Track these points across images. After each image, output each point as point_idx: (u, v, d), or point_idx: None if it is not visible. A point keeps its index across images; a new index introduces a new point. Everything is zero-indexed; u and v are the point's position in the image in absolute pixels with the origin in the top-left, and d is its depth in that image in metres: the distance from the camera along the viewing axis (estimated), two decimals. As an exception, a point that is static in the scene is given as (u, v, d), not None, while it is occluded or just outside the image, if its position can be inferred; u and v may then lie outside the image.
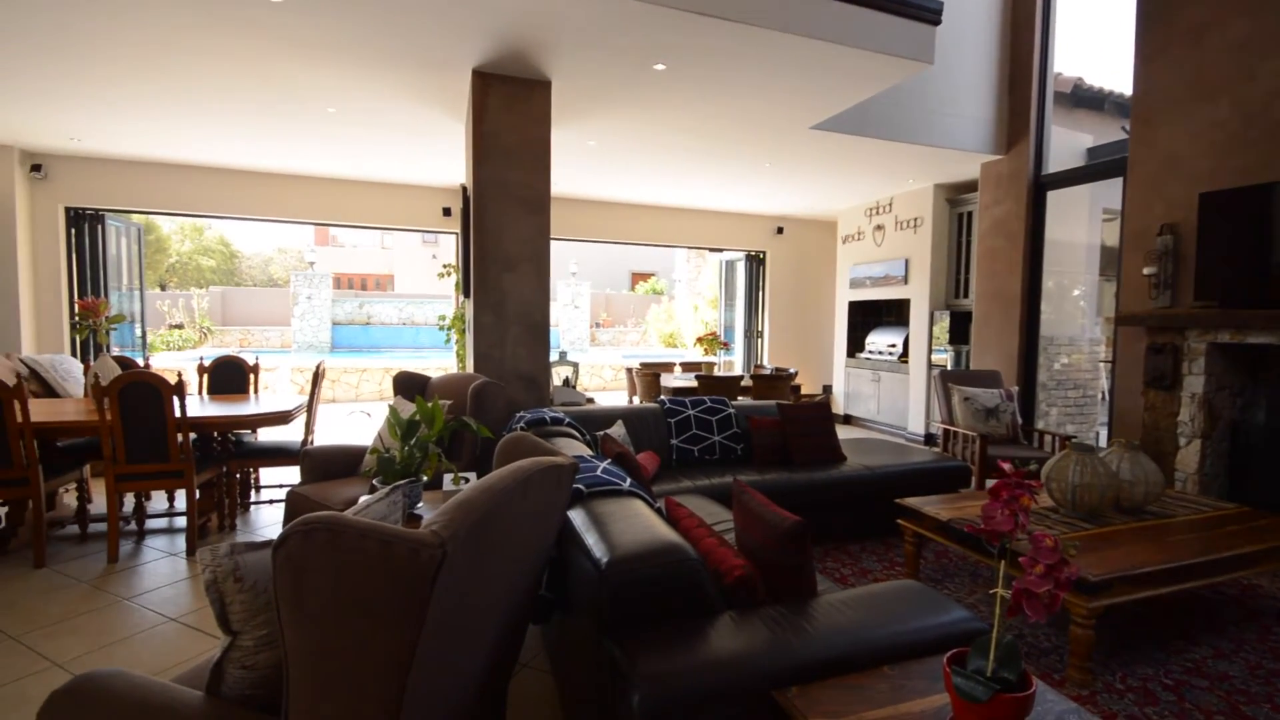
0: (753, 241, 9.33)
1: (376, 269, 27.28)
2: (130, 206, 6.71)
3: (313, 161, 6.55)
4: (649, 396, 6.95)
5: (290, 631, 1.10)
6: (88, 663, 2.44)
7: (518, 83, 4.12)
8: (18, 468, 3.21)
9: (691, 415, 4.13)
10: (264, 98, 4.61)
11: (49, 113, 5.00)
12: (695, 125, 5.10)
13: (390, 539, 1.09)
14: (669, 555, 1.58)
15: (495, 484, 1.32)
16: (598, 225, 8.57)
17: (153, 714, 1.25)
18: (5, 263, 5.95)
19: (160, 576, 3.25)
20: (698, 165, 6.41)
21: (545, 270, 4.32)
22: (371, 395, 10.45)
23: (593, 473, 2.17)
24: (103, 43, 3.69)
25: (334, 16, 3.34)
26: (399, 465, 2.43)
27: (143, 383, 3.23)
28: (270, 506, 4.42)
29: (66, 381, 4.52)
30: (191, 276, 22.74)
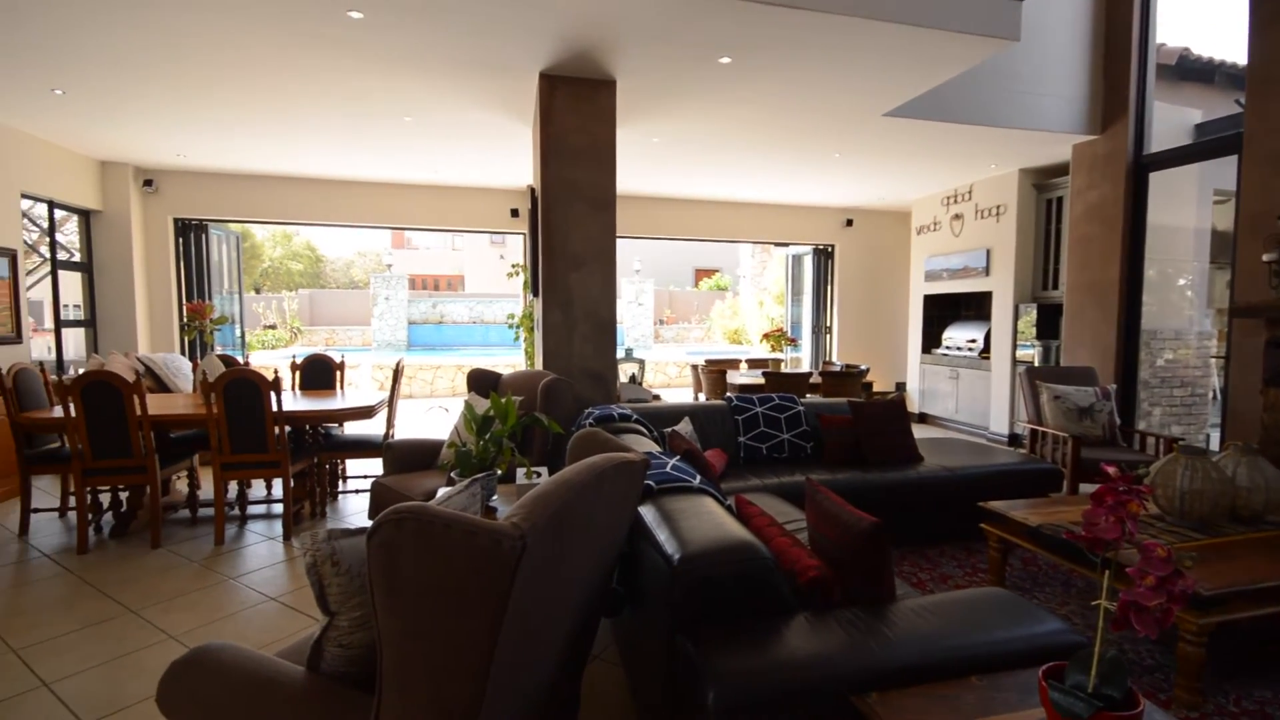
0: (820, 235, 9.09)
1: (448, 270, 28.34)
2: (229, 216, 7.26)
3: (389, 169, 6.87)
4: (715, 393, 6.90)
5: (383, 614, 1.16)
6: (198, 636, 2.66)
7: (583, 83, 4.17)
8: (137, 456, 3.54)
9: (759, 413, 4.08)
10: (346, 110, 4.87)
11: (159, 132, 5.47)
12: (761, 118, 5.01)
13: (474, 529, 1.13)
14: (742, 553, 1.56)
15: (572, 479, 1.34)
16: (662, 222, 8.58)
17: (261, 685, 1.35)
18: (123, 270, 6.57)
19: (260, 559, 3.50)
20: (763, 158, 6.30)
21: (612, 268, 4.36)
22: (445, 392, 10.87)
23: (662, 469, 2.18)
24: (205, 67, 4.00)
25: (409, 29, 3.48)
26: (475, 459, 2.51)
27: (244, 379, 3.49)
28: (356, 496, 4.68)
29: (177, 378, 4.94)
30: (282, 280, 24.38)
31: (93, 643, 2.60)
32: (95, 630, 2.70)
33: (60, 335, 6.04)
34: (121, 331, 6.57)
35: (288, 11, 3.28)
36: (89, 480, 3.54)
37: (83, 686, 2.30)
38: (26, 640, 2.61)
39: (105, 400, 3.43)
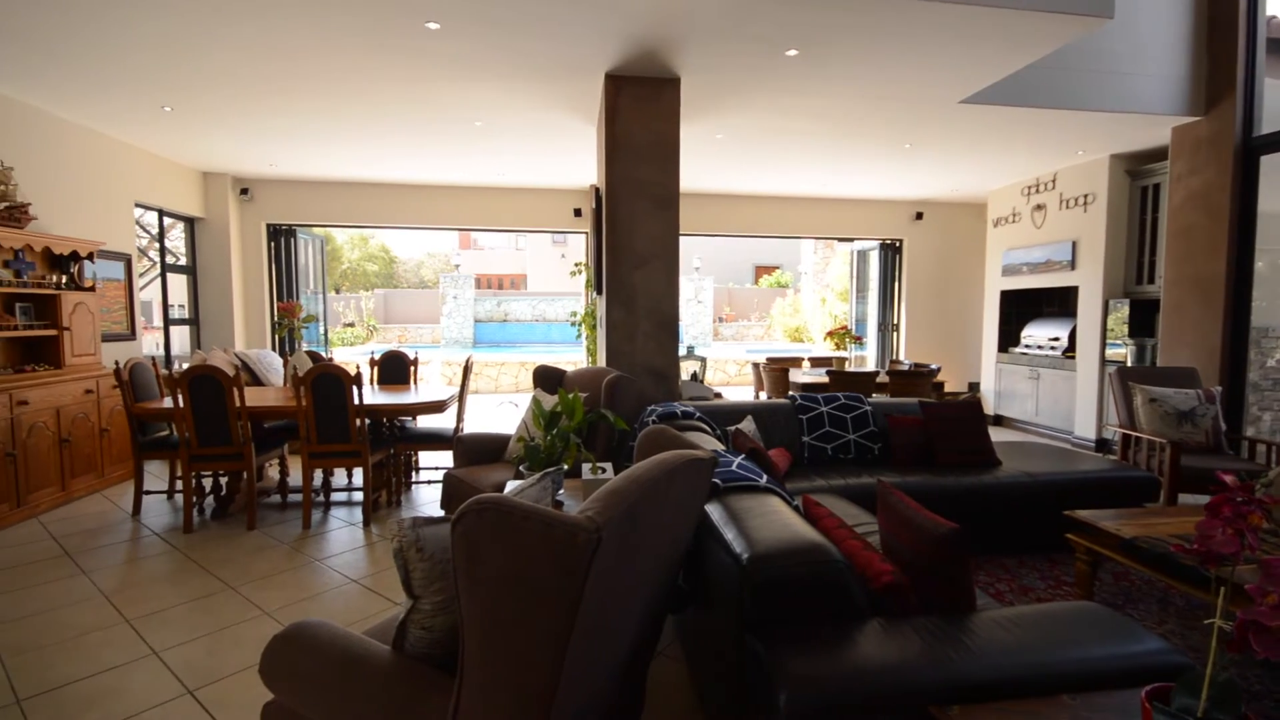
0: (888, 229, 8.79)
1: (511, 269, 29.07)
2: (314, 221, 7.73)
3: (459, 172, 7.12)
4: (777, 392, 6.80)
5: (465, 599, 1.21)
6: (289, 613, 2.84)
7: (648, 82, 4.19)
8: (236, 445, 3.82)
9: (824, 412, 3.99)
10: (420, 117, 5.08)
11: (253, 143, 5.87)
12: (828, 110, 4.89)
13: (551, 521, 1.16)
14: (812, 555, 1.54)
15: (643, 475, 1.36)
16: (723, 219, 8.51)
17: (352, 661, 1.44)
18: (222, 272, 7.10)
19: (342, 543, 3.71)
20: (829, 151, 6.15)
21: (675, 266, 4.36)
22: (509, 387, 11.17)
23: (728, 468, 2.17)
24: (294, 80, 4.25)
25: (483, 37, 3.60)
26: (543, 453, 2.57)
27: (330, 374, 3.70)
28: (428, 486, 4.89)
29: (269, 373, 5.29)
30: (359, 280, 25.68)
31: (197, 615, 2.83)
32: (199, 604, 2.93)
33: (168, 333, 6.59)
34: (220, 329, 7.10)
35: (370, 25, 3.44)
36: (194, 465, 3.85)
37: (188, 656, 2.50)
38: (139, 611, 2.87)
39: (209, 392, 3.72)
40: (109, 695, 2.24)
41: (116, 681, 2.33)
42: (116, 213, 5.62)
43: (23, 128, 4.60)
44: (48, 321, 4.47)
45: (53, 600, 2.97)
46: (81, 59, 3.90)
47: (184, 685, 2.30)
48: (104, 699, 2.22)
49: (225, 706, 2.18)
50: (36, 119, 4.74)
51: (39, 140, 4.75)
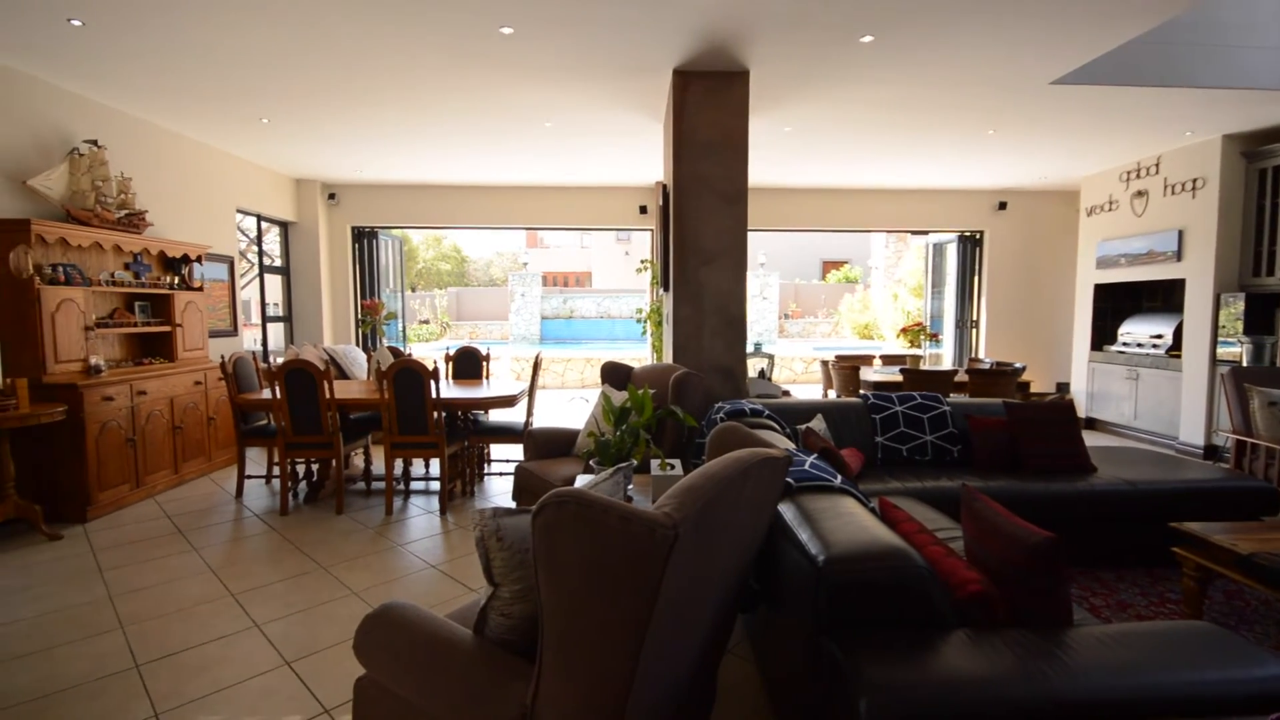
0: (967, 220, 8.36)
1: (577, 267, 29.51)
2: (394, 223, 8.12)
3: (528, 172, 7.29)
4: (846, 390, 6.61)
5: (545, 589, 1.25)
6: (375, 594, 3.01)
7: (716, 76, 4.16)
8: (326, 434, 4.07)
9: (899, 412, 3.85)
10: (492, 120, 5.24)
11: (341, 151, 6.21)
12: (904, 98, 4.70)
13: (629, 516, 1.18)
14: (893, 559, 1.49)
15: (719, 472, 1.36)
16: (789, 214, 8.34)
17: (438, 642, 1.51)
18: (312, 272, 7.57)
19: (421, 530, 3.89)
20: (904, 141, 5.91)
21: (742, 262, 4.31)
22: (574, 383, 11.36)
23: (800, 467, 2.13)
24: (377, 90, 4.47)
25: (554, 40, 3.67)
26: (613, 449, 2.61)
27: (411, 368, 3.88)
28: (499, 478, 5.05)
29: (353, 368, 5.60)
30: (433, 279, 26.78)
31: (293, 593, 3.03)
32: (295, 582, 3.15)
33: (265, 329, 7.09)
34: (310, 326, 7.58)
35: (448, 34, 3.58)
36: (289, 453, 4.13)
37: (286, 630, 2.69)
38: (242, 586, 3.10)
39: (303, 385, 3.98)
40: (217, 663, 2.44)
41: (223, 650, 2.53)
42: (220, 218, 6.10)
43: (140, 141, 5.06)
44: (163, 319, 4.90)
45: (168, 573, 3.26)
46: (191, 76, 4.24)
47: (282, 656, 2.48)
48: (212, 666, 2.42)
49: (319, 678, 2.34)
50: (151, 133, 5.20)
51: (153, 152, 5.21)
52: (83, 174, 4.24)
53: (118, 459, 4.17)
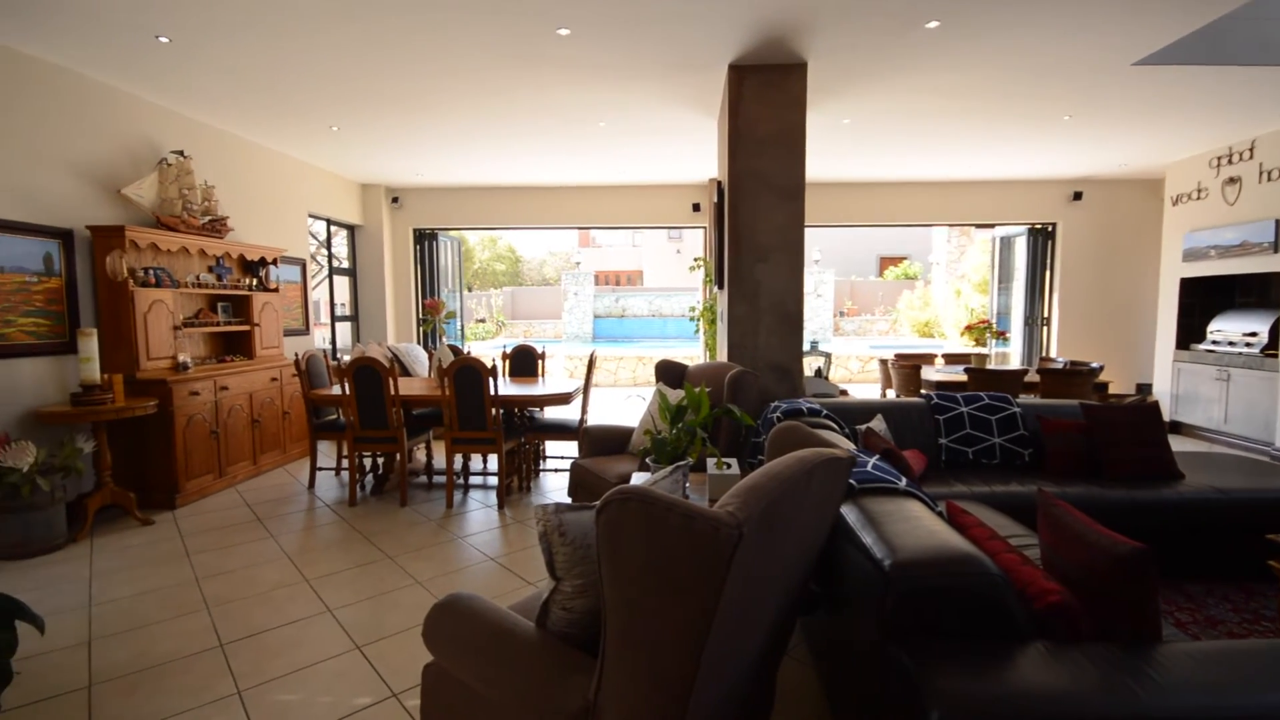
0: (1038, 212, 7.96)
1: (628, 266, 29.63)
2: (452, 225, 8.37)
3: (581, 172, 7.37)
4: (907, 390, 6.40)
5: (608, 585, 1.26)
6: (437, 584, 3.11)
7: (773, 70, 4.09)
8: (391, 428, 4.23)
9: (965, 413, 3.70)
10: (547, 121, 5.31)
11: (404, 156, 6.44)
12: (971, 85, 4.51)
13: (692, 514, 1.17)
14: (965, 566, 1.43)
15: (782, 471, 1.34)
16: (846, 208, 8.13)
17: (502, 633, 1.54)
18: (377, 273, 7.89)
19: (479, 523, 4.00)
20: (971, 131, 5.67)
21: (799, 259, 4.23)
22: (627, 381, 11.42)
23: (863, 468, 2.07)
24: (438, 95, 4.61)
25: (610, 40, 3.69)
26: (669, 447, 2.61)
27: (470, 366, 3.99)
28: (554, 475, 5.13)
29: (415, 365, 5.80)
30: (489, 279, 27.45)
31: (362, 580, 3.17)
32: (363, 570, 3.29)
33: (334, 328, 7.44)
34: (375, 325, 7.90)
35: (505, 38, 3.65)
36: (357, 446, 4.32)
37: (356, 615, 2.81)
38: (315, 572, 3.26)
39: (369, 381, 4.15)
40: (293, 645, 2.58)
41: (299, 633, 2.67)
42: (294, 223, 6.42)
43: (221, 151, 5.38)
44: (242, 318, 5.20)
45: (248, 558, 3.46)
46: (268, 88, 4.48)
47: (353, 641, 2.60)
48: (289, 648, 2.55)
49: (387, 663, 2.43)
50: (231, 143, 5.52)
51: (233, 161, 5.53)
52: (171, 183, 4.55)
53: (202, 450, 4.45)
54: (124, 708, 2.18)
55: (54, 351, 3.90)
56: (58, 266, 3.92)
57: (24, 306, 3.72)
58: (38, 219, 3.81)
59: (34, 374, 3.79)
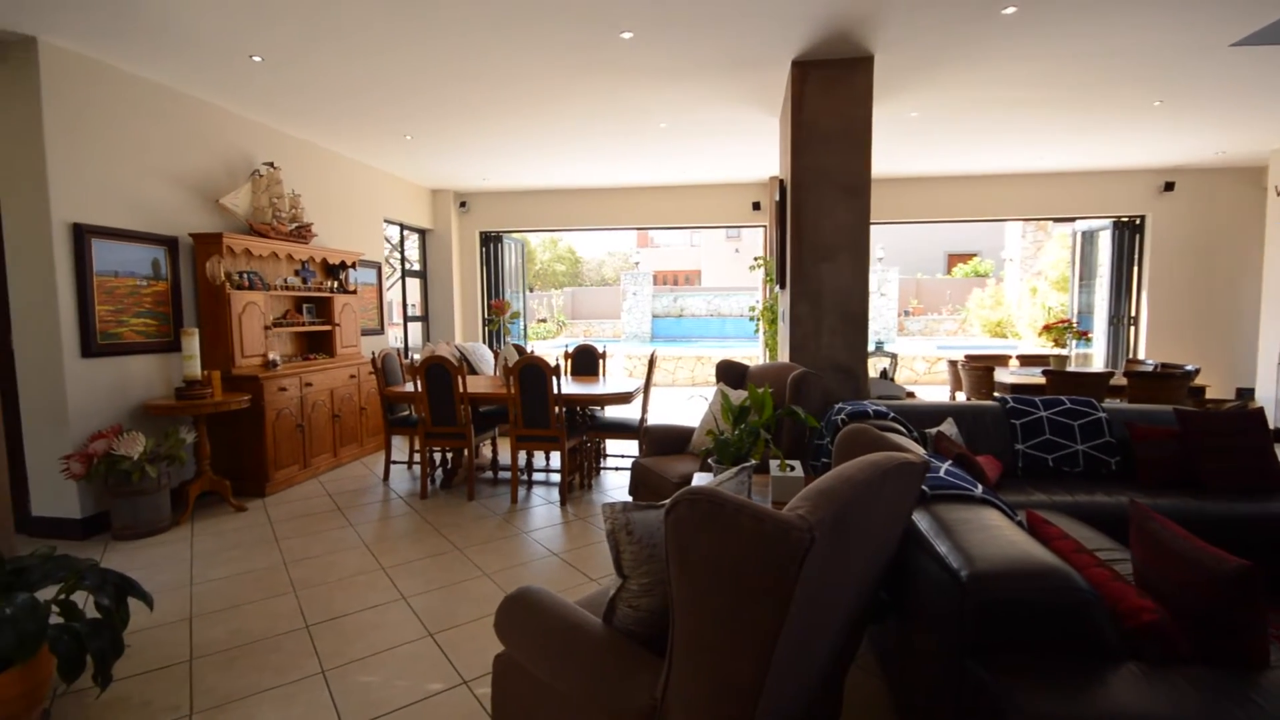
0: (1125, 204, 7.45)
1: (686, 266, 29.58)
2: (517, 227, 8.59)
3: (640, 173, 7.41)
4: (978, 393, 6.12)
5: (676, 585, 1.27)
6: (504, 576, 3.21)
7: (838, 65, 4.01)
8: (459, 425, 4.39)
9: (1044, 417, 3.52)
10: (608, 124, 5.38)
11: (471, 161, 6.66)
12: (1051, 73, 4.28)
13: (762, 517, 1.17)
14: (1049, 579, 1.38)
15: (854, 475, 1.32)
16: (912, 204, 7.85)
17: (570, 628, 1.59)
18: (445, 275, 8.19)
19: (543, 519, 4.10)
20: (1050, 120, 5.38)
21: (864, 258, 4.13)
22: (685, 381, 11.41)
23: (935, 474, 2.01)
24: (503, 102, 4.75)
25: (672, 40, 3.71)
26: (732, 447, 2.60)
27: (535, 365, 4.10)
28: (615, 473, 5.19)
29: (481, 363, 5.99)
30: (549, 280, 28.00)
31: (433, 570, 3.31)
32: (434, 560, 3.43)
33: (406, 328, 7.78)
34: (444, 325, 8.22)
35: (569, 42, 3.73)
36: (428, 441, 4.50)
37: (428, 603, 2.94)
38: (391, 561, 3.43)
39: (440, 379, 4.32)
40: (371, 629, 2.72)
41: (376, 618, 2.81)
42: (370, 228, 6.75)
43: (305, 161, 5.71)
44: (324, 319, 5.51)
45: (330, 545, 3.67)
46: (348, 100, 4.73)
47: (426, 628, 2.72)
48: (367, 632, 2.69)
49: (458, 651, 2.53)
50: (314, 153, 5.86)
51: (315, 170, 5.86)
52: (262, 192, 4.87)
53: (289, 442, 4.75)
54: (220, 681, 2.36)
55: (160, 349, 4.25)
56: (164, 271, 4.27)
57: (135, 308, 4.08)
58: (147, 227, 4.17)
59: (143, 370, 4.15)
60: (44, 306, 3.65)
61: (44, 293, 3.64)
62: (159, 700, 2.25)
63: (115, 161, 3.96)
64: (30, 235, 3.62)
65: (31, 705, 2.01)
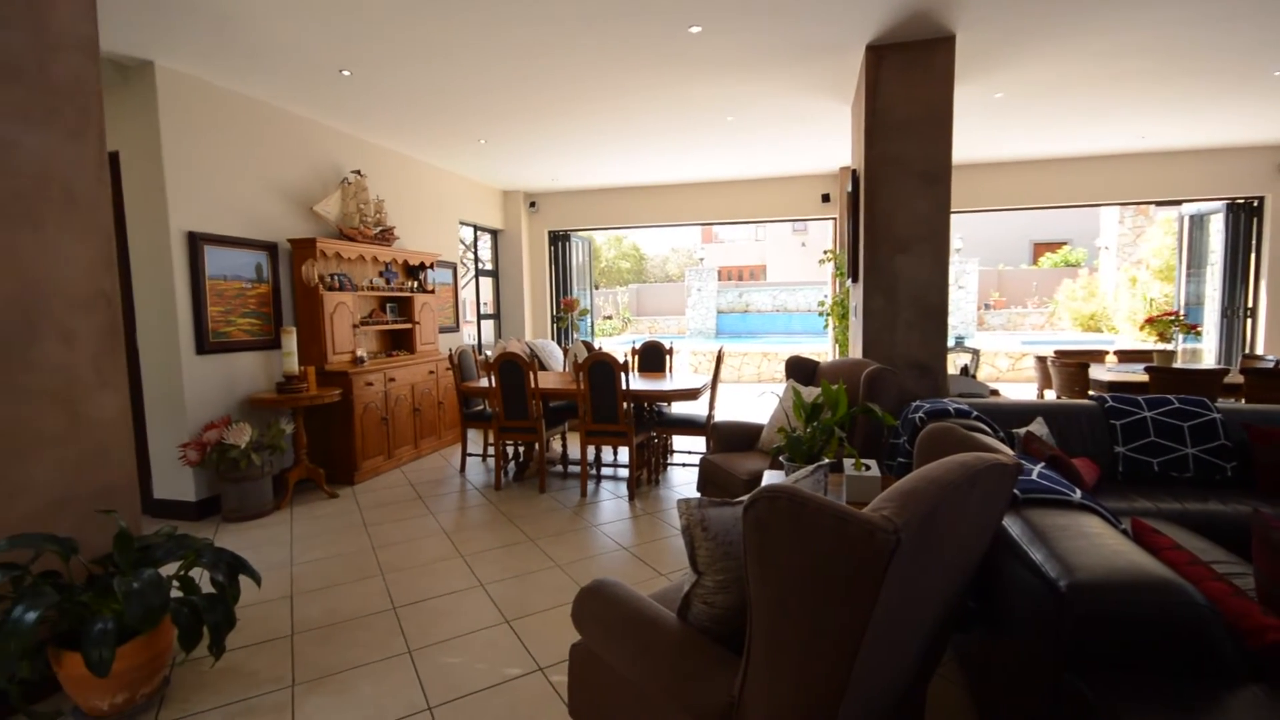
0: (1239, 184, 6.79)
1: (751, 260, 29.18)
2: (584, 226, 8.72)
3: (706, 169, 7.36)
4: (1069, 391, 5.73)
5: (755, 583, 1.27)
6: (575, 568, 3.28)
7: (915, 47, 3.85)
8: (531, 419, 4.51)
9: (1149, 418, 3.26)
10: (674, 120, 5.37)
11: (541, 162, 6.82)
12: (1152, 42, 3.95)
13: (846, 517, 1.15)
14: (1161, 592, 1.28)
15: (941, 476, 1.27)
16: (995, 192, 7.43)
17: (645, 622, 1.61)
18: (516, 274, 8.43)
19: (611, 513, 4.16)
20: (1149, 96, 4.97)
21: (943, 248, 3.96)
22: (751, 378, 11.27)
23: (1027, 477, 1.91)
24: (571, 101, 4.83)
25: (741, 31, 3.66)
26: (805, 445, 2.56)
27: (604, 362, 4.16)
28: (682, 469, 5.20)
29: (550, 360, 6.14)
30: (614, 277, 28.29)
31: (508, 559, 3.42)
32: (508, 550, 3.55)
33: (479, 325, 8.06)
34: (514, 322, 8.46)
35: (637, 40, 3.75)
36: (502, 435, 4.66)
37: (504, 591, 3.05)
38: (469, 549, 3.57)
39: (513, 375, 4.46)
40: (452, 613, 2.84)
41: (456, 603, 2.94)
42: (446, 230, 7.03)
43: (387, 167, 6.01)
44: (405, 317, 5.80)
45: (413, 532, 3.86)
46: (427, 108, 4.94)
47: (502, 614, 2.82)
48: (449, 616, 2.82)
49: (533, 638, 2.62)
50: (396, 160, 6.15)
51: (396, 175, 6.16)
52: (350, 198, 5.16)
53: (375, 434, 5.03)
54: (319, 655, 2.53)
55: (263, 347, 4.59)
56: (265, 274, 4.60)
57: (241, 309, 4.42)
58: (251, 234, 4.50)
59: (249, 366, 4.49)
60: (164, 308, 4.01)
61: (164, 295, 4.00)
62: (265, 671, 2.44)
63: (222, 173, 4.30)
64: (151, 243, 3.98)
65: (154, 672, 2.22)
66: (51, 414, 2.35)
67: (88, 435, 2.46)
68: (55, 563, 2.25)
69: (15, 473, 2.24)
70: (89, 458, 2.46)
